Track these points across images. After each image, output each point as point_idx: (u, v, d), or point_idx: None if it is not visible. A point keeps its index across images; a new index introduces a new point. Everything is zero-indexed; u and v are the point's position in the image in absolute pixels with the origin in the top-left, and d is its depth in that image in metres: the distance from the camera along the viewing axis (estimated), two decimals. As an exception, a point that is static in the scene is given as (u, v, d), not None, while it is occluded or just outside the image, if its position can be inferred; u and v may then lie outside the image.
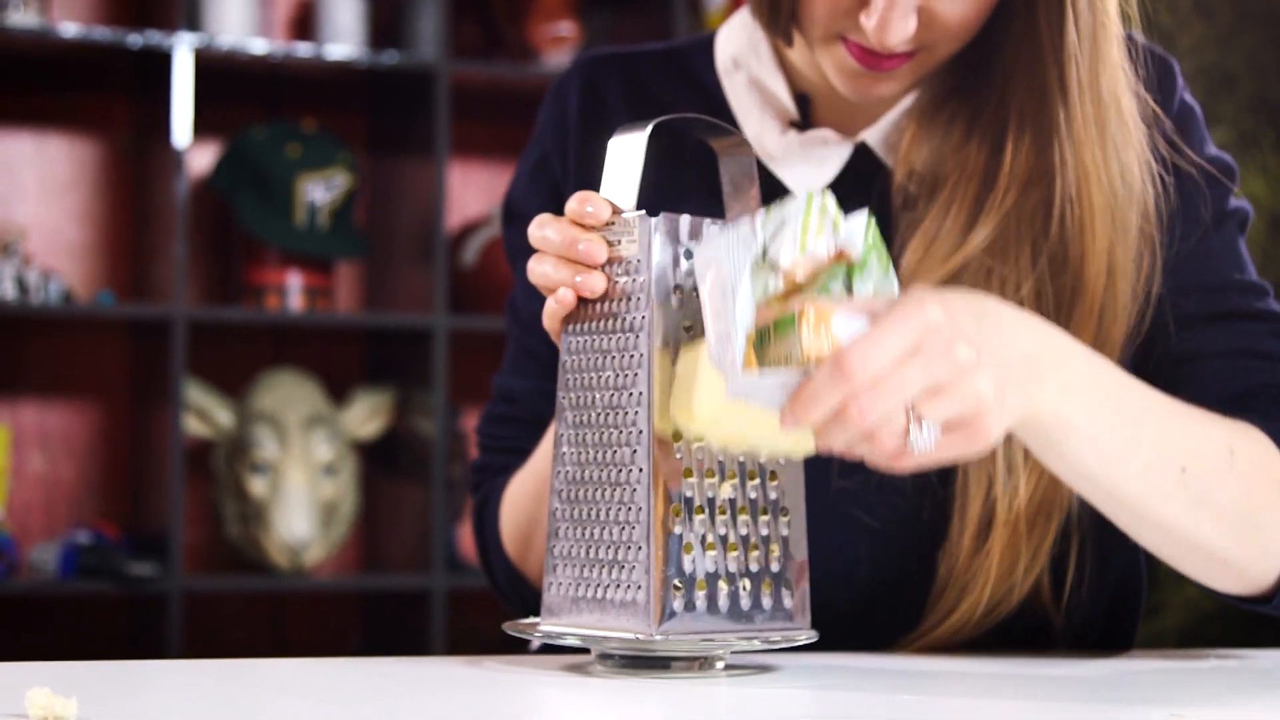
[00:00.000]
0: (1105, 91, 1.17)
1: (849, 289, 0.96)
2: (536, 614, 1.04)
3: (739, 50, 1.31)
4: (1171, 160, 1.23)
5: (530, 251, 1.03)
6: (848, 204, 1.26)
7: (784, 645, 1.00)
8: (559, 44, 3.34)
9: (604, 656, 1.01)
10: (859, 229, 0.95)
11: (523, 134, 3.57)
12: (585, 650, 1.03)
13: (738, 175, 1.06)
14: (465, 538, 3.45)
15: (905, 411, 0.93)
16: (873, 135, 1.27)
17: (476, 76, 3.31)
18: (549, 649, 1.08)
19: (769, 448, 0.99)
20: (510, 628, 1.05)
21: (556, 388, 1.03)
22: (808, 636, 1.01)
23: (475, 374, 3.47)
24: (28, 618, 3.21)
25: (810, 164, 1.27)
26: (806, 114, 1.29)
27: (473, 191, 3.54)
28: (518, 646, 1.11)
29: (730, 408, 0.94)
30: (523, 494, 1.31)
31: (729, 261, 0.93)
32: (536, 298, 1.06)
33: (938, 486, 1.21)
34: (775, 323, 0.93)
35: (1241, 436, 1.14)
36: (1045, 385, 1.03)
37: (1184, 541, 1.12)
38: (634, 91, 1.34)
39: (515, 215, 1.37)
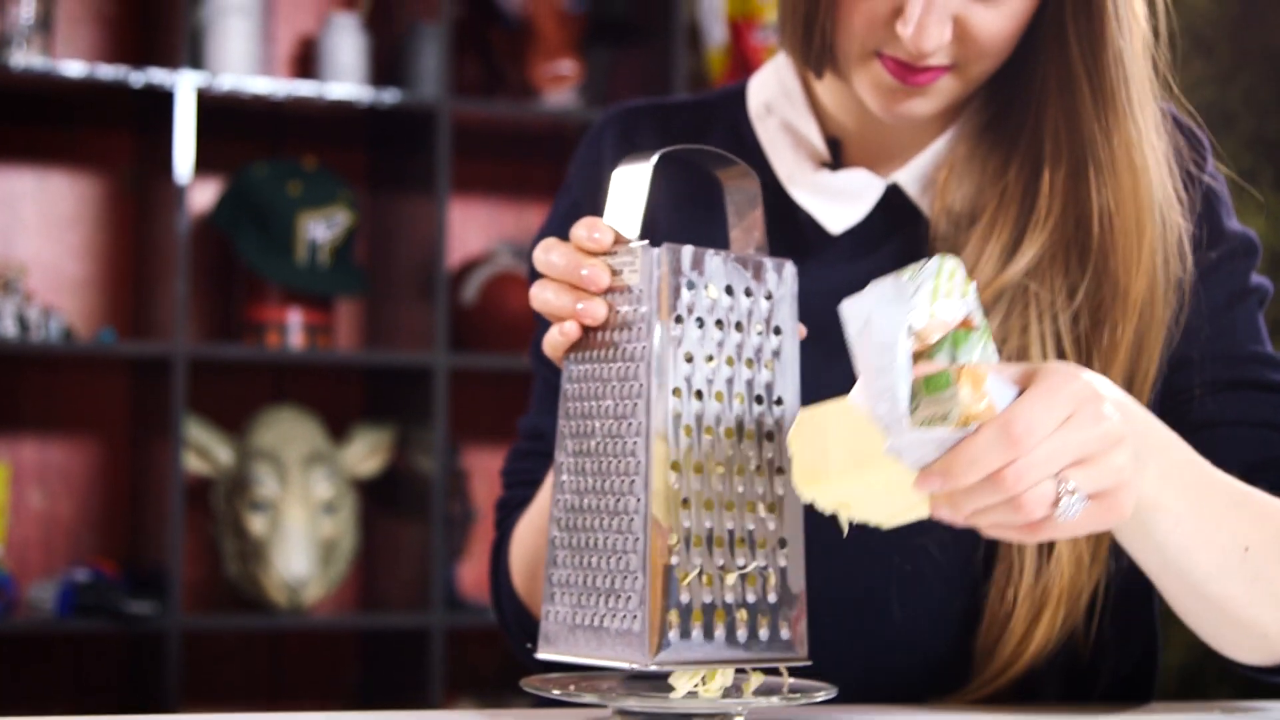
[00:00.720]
0: (1139, 93, 1.19)
1: (953, 359, 0.95)
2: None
3: (771, 96, 1.34)
4: (1198, 176, 1.25)
5: None
6: (880, 244, 1.28)
7: (802, 702, 0.99)
8: (560, 83, 3.35)
9: (621, 713, 1.01)
10: (974, 295, 0.95)
11: (524, 171, 3.60)
12: (603, 706, 1.02)
13: (742, 204, 1.07)
14: (465, 576, 3.44)
15: (1054, 480, 0.93)
16: (903, 176, 1.28)
17: (477, 114, 3.32)
18: (564, 703, 1.07)
19: (873, 514, 0.97)
20: (528, 685, 1.05)
21: (558, 415, 1.03)
22: (826, 693, 1.01)
23: (475, 411, 3.47)
24: (26, 656, 3.20)
25: (841, 202, 1.29)
26: (838, 157, 1.31)
27: (473, 229, 3.55)
28: (517, 685, 1.10)
29: (856, 473, 0.93)
30: (529, 530, 1.32)
31: (883, 317, 0.92)
32: None
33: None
34: (926, 382, 0.92)
35: None
36: (1150, 467, 1.04)
37: (1234, 617, 1.14)
38: (668, 140, 1.36)
39: None
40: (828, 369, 1.23)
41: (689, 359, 0.99)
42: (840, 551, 1.24)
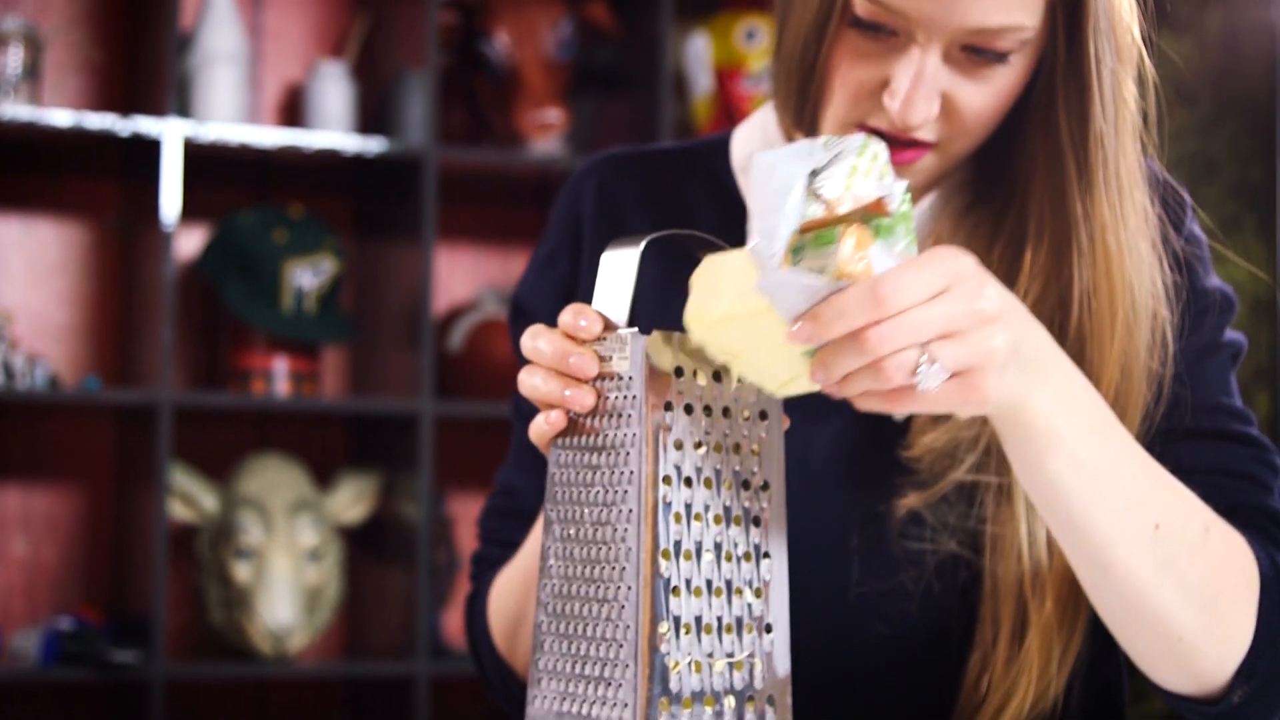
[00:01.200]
0: (1125, 177, 1.19)
1: None
2: (521, 704, 1.04)
3: (755, 150, 1.33)
4: (1183, 253, 1.25)
5: None
6: None
7: None
8: (546, 131, 3.36)
9: None
10: (900, 191, 0.96)
11: (510, 219, 3.60)
12: None
13: None
14: (450, 624, 3.43)
15: (918, 349, 0.94)
16: None
17: (464, 162, 3.33)
18: None
19: (764, 375, 0.98)
20: None
21: (544, 500, 1.03)
22: None
23: (461, 459, 3.47)
24: (9, 706, 3.18)
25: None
26: None
27: (459, 276, 3.55)
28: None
29: (742, 320, 0.94)
30: (509, 588, 1.32)
31: (787, 166, 0.93)
32: None
33: (966, 587, 1.22)
34: (815, 236, 0.93)
35: (1219, 522, 1.14)
36: (1045, 388, 1.02)
37: (1143, 608, 1.11)
38: (649, 190, 1.36)
39: (522, 311, 1.38)
40: (813, 429, 1.23)
41: (678, 446, 0.99)
42: (826, 617, 1.24)
